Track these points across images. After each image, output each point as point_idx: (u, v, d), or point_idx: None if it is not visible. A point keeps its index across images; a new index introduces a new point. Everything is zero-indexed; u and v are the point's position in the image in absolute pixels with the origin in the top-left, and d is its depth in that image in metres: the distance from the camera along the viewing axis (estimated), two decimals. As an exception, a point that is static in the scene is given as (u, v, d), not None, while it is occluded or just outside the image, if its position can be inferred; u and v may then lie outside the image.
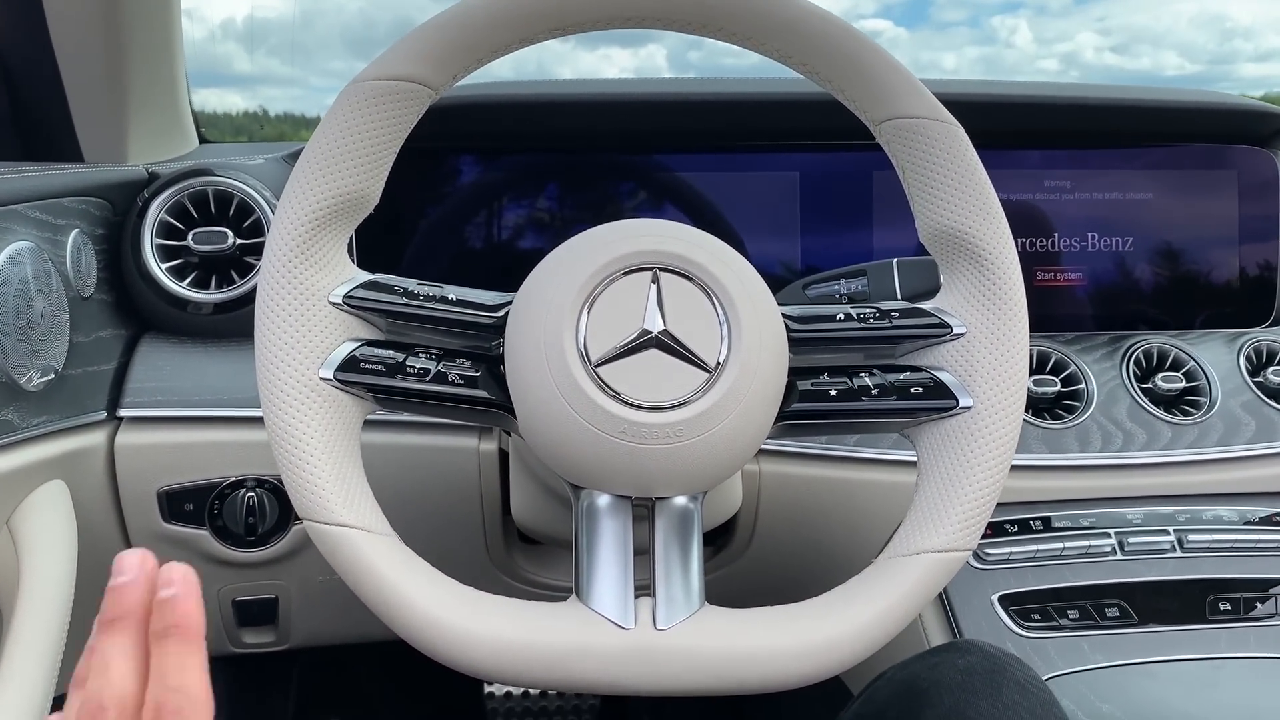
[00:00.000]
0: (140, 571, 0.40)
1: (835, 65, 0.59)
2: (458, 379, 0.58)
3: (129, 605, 0.40)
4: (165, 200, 0.87)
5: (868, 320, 0.61)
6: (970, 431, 0.59)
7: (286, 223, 0.56)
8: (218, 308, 0.87)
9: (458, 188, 0.95)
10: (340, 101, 0.57)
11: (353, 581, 0.56)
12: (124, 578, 0.40)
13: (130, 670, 0.39)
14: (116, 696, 0.38)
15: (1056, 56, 42.44)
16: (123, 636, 0.39)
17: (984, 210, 0.59)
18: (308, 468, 0.55)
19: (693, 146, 0.97)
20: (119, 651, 0.39)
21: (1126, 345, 0.97)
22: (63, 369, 0.76)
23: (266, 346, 0.55)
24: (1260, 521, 0.89)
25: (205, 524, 0.85)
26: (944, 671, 0.64)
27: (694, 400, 0.54)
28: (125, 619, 0.40)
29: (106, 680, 0.38)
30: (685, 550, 0.58)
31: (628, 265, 0.56)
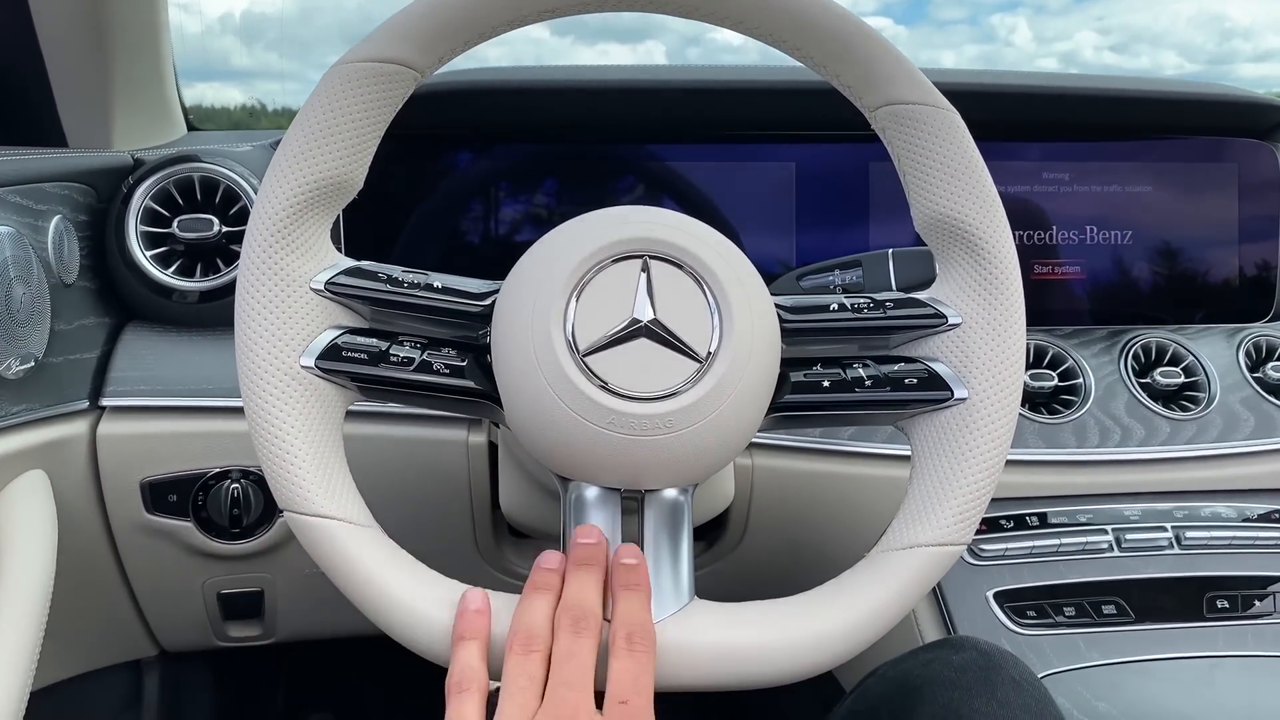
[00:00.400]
0: (600, 538, 0.56)
1: (830, 50, 0.58)
2: (443, 368, 0.57)
3: (598, 557, 0.55)
4: (150, 187, 0.86)
5: (862, 311, 0.60)
6: (965, 424, 0.58)
7: (267, 207, 0.54)
8: (203, 296, 0.86)
9: (447, 176, 0.94)
10: (324, 83, 0.55)
11: (334, 574, 0.54)
12: (591, 539, 0.56)
13: (599, 595, 0.54)
14: (594, 609, 0.52)
15: (1055, 55, 42.51)
16: (595, 574, 0.54)
17: (980, 198, 0.58)
18: (288, 458, 0.53)
19: (688, 136, 0.95)
20: (593, 581, 0.54)
21: (1125, 340, 0.96)
22: (43, 357, 0.74)
23: (246, 333, 0.54)
24: (1259, 518, 0.88)
25: (189, 515, 0.84)
26: (938, 668, 0.63)
27: (684, 391, 0.53)
28: (595, 565, 0.55)
29: (586, 597, 0.53)
30: (675, 543, 0.57)
31: (617, 253, 0.55)
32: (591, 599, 0.53)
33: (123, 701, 1.02)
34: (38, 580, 0.69)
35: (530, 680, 0.50)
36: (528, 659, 0.51)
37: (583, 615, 0.52)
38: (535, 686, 0.50)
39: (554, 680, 0.50)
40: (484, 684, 0.52)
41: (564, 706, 0.49)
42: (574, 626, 0.52)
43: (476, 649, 0.53)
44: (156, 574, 0.88)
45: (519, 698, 0.49)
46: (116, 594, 0.89)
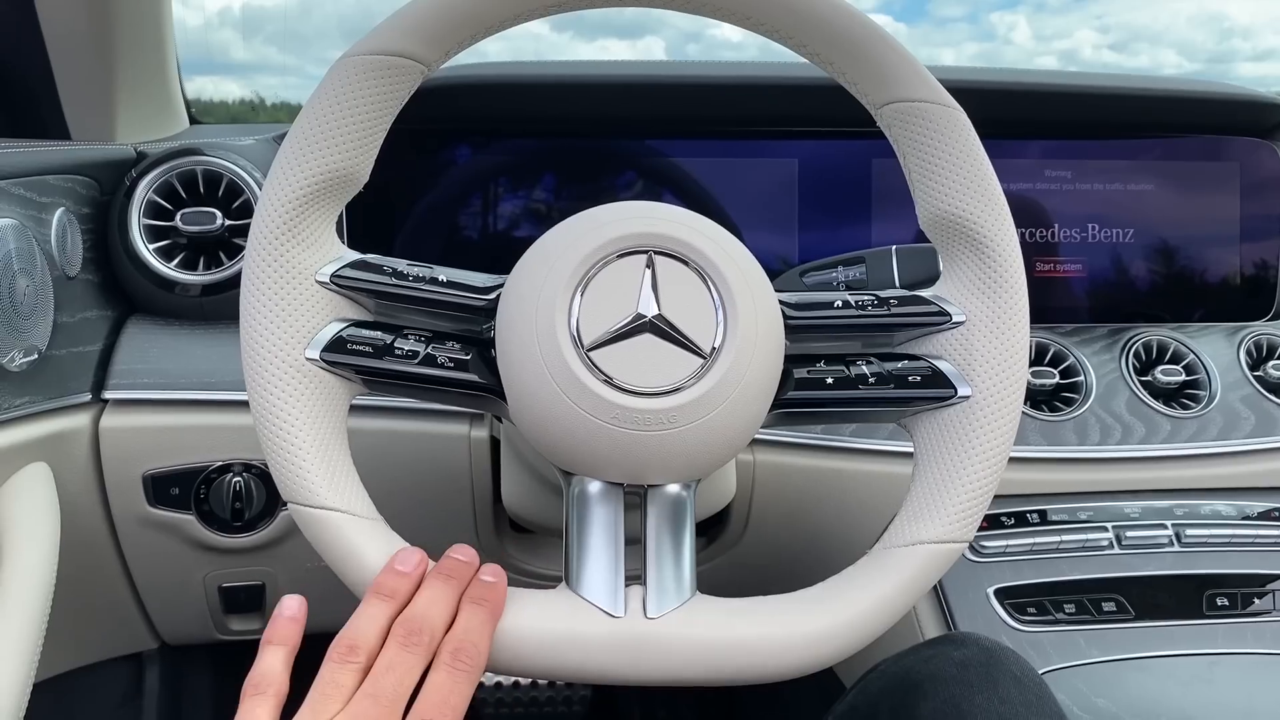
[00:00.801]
0: (473, 557, 0.55)
1: (835, 47, 0.58)
2: (447, 361, 0.57)
3: (462, 573, 0.54)
4: (153, 180, 0.86)
5: (866, 308, 0.60)
6: (968, 421, 0.58)
7: (273, 199, 0.54)
8: (206, 289, 0.86)
9: (449, 171, 0.94)
10: (330, 76, 0.55)
11: (336, 566, 0.55)
12: (463, 556, 0.55)
13: (447, 614, 0.52)
14: (433, 625, 0.50)
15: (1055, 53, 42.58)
16: (451, 590, 0.53)
17: (985, 196, 0.58)
18: (292, 449, 0.54)
19: (690, 132, 0.95)
20: (445, 597, 0.52)
21: (1126, 338, 0.96)
22: (46, 349, 0.75)
23: (251, 326, 0.54)
24: (1259, 516, 0.88)
25: (191, 509, 0.84)
26: (939, 664, 0.63)
27: (688, 386, 0.53)
28: (455, 580, 0.53)
29: (430, 613, 0.51)
30: (677, 539, 0.57)
31: (622, 248, 0.55)
32: (436, 614, 0.51)
33: (124, 694, 1.02)
34: (40, 573, 0.69)
35: (337, 689, 0.47)
36: (342, 668, 0.48)
37: (418, 629, 0.50)
38: (341, 695, 0.47)
39: (362, 690, 0.47)
40: (281, 690, 0.49)
41: (361, 718, 0.46)
42: (405, 639, 0.49)
43: (282, 655, 0.50)
44: (158, 567, 0.88)
45: (319, 704, 0.47)
46: (118, 587, 0.89)
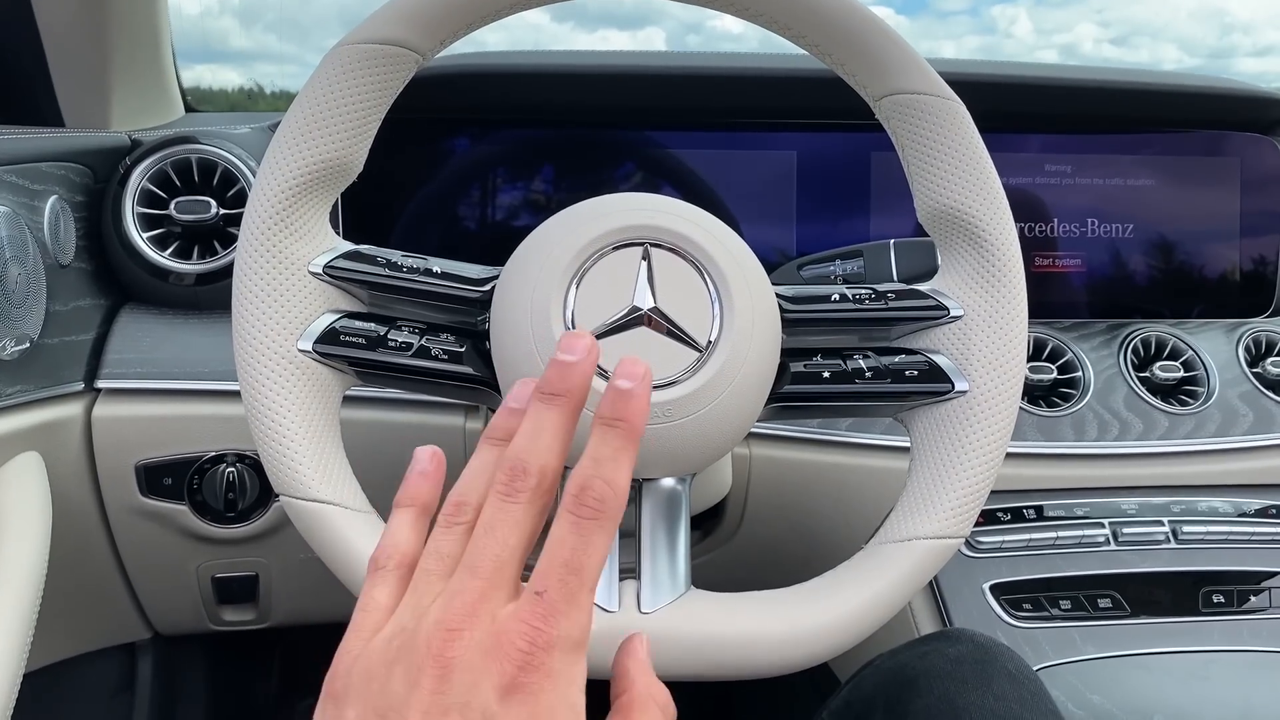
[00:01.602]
0: (587, 355, 0.41)
1: (834, 38, 0.57)
2: (441, 354, 0.56)
3: (573, 384, 0.40)
4: (148, 168, 0.85)
5: (863, 301, 0.60)
6: (965, 416, 0.58)
7: (266, 188, 0.54)
8: (200, 279, 0.85)
9: (446, 161, 0.93)
10: (324, 65, 0.55)
11: (328, 558, 0.54)
12: (572, 356, 0.41)
13: (560, 445, 0.39)
14: (541, 463, 0.39)
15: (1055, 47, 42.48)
16: (559, 412, 0.40)
17: (984, 190, 0.58)
18: (284, 442, 0.53)
19: (689, 123, 0.95)
20: (553, 424, 0.39)
21: (1124, 333, 0.95)
22: (39, 338, 0.74)
23: (244, 316, 0.54)
24: (1255, 514, 0.88)
25: (184, 499, 0.83)
26: (934, 660, 0.62)
27: (684, 379, 0.53)
28: (567, 397, 0.40)
29: (536, 446, 0.39)
30: (672, 533, 0.57)
31: (618, 240, 0.54)
32: (546, 446, 0.39)
33: (117, 684, 1.02)
34: (31, 562, 0.69)
35: (440, 561, 0.39)
36: (448, 533, 0.40)
37: (523, 470, 0.38)
38: (444, 569, 0.39)
39: (462, 563, 0.37)
40: (409, 562, 0.41)
41: (458, 599, 0.36)
42: (507, 487, 0.38)
43: (409, 518, 0.43)
44: (150, 557, 0.87)
45: (421, 582, 0.39)
46: (110, 577, 0.89)
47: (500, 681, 0.34)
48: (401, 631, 0.37)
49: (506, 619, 0.36)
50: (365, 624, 0.39)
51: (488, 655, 0.35)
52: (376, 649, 0.37)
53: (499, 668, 0.35)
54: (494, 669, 0.35)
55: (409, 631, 0.37)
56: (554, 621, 0.35)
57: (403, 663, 0.36)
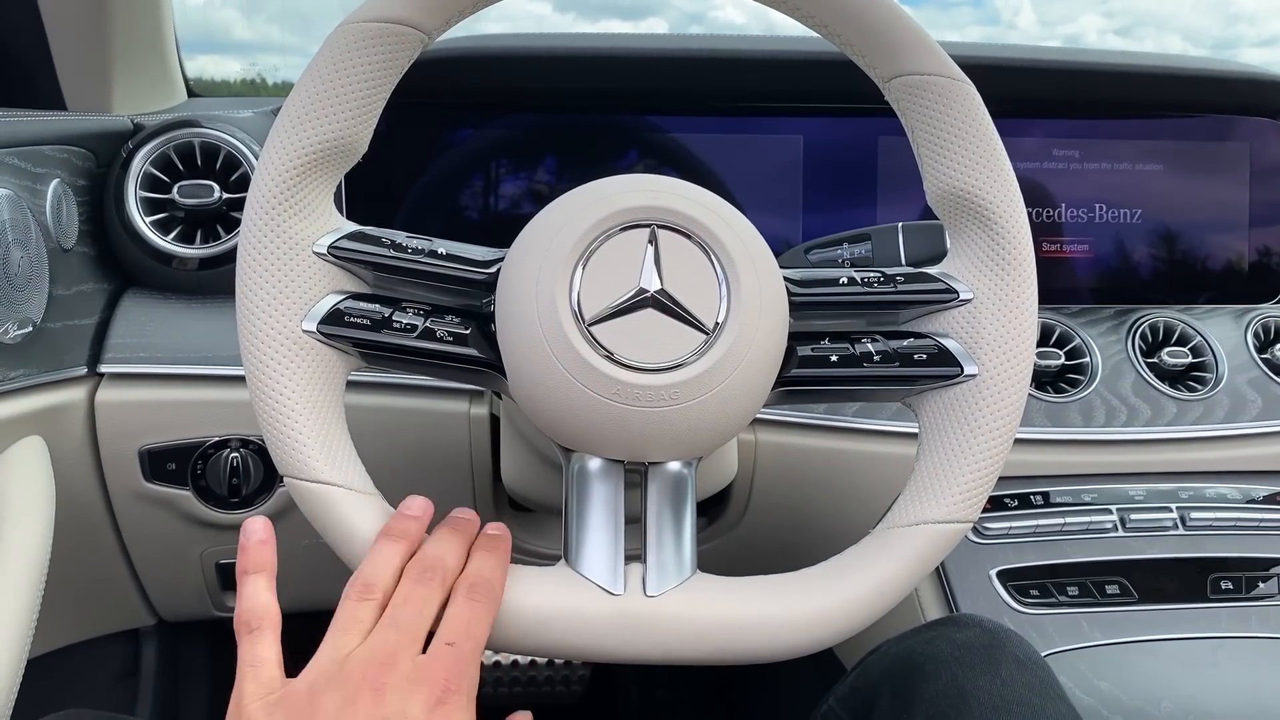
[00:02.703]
0: (475, 517, 0.56)
1: (843, 18, 0.57)
2: (446, 335, 0.56)
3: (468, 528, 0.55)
4: (150, 152, 0.85)
5: (871, 285, 0.59)
6: (974, 400, 0.57)
7: (270, 168, 0.54)
8: (203, 263, 0.85)
9: (451, 145, 0.93)
10: (329, 43, 0.54)
11: (333, 541, 0.54)
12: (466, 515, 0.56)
13: (459, 557, 0.52)
14: (445, 564, 0.51)
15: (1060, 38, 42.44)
16: (460, 538, 0.53)
17: (994, 172, 0.57)
18: (289, 422, 0.53)
19: (694, 108, 0.94)
20: (455, 543, 0.53)
21: (1132, 319, 0.95)
22: (41, 322, 0.74)
23: (247, 297, 0.53)
24: (1264, 500, 0.87)
25: (188, 484, 0.83)
26: (940, 646, 0.62)
27: (690, 362, 0.52)
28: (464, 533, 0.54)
29: (444, 552, 0.52)
30: (678, 517, 0.57)
31: (624, 221, 0.54)
32: (449, 555, 0.52)
33: (121, 670, 1.02)
34: (35, 547, 0.69)
35: (356, 623, 0.48)
36: (360, 605, 0.49)
37: (432, 567, 0.51)
38: (360, 629, 0.48)
39: (381, 622, 0.48)
40: (276, 620, 0.50)
41: (383, 647, 0.47)
42: (420, 576, 0.50)
43: (263, 581, 0.51)
44: (154, 543, 0.87)
45: (339, 639, 0.47)
46: (114, 563, 0.88)
47: (428, 701, 0.45)
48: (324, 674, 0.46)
49: (429, 659, 0.47)
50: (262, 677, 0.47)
51: (415, 683, 0.46)
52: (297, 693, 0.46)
53: (426, 690, 0.45)
54: (422, 692, 0.45)
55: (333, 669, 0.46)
56: (465, 665, 0.47)
57: (335, 691, 0.45)
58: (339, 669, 0.46)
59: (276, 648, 0.48)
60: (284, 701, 0.45)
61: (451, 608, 0.50)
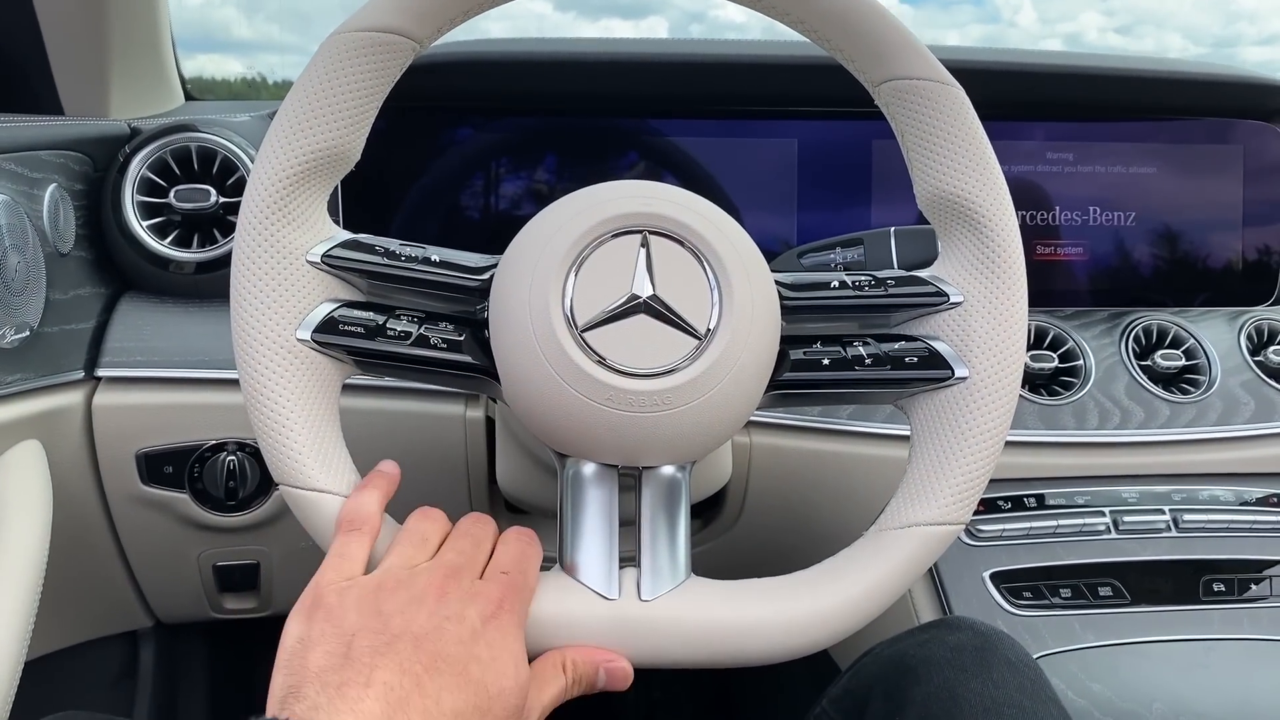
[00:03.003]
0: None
1: (832, 23, 0.57)
2: (440, 342, 0.56)
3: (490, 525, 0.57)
4: (147, 156, 0.85)
5: (863, 288, 0.60)
6: (965, 403, 0.58)
7: (263, 178, 0.54)
8: (200, 267, 0.85)
9: (446, 150, 0.93)
10: (320, 54, 0.55)
11: (328, 547, 0.54)
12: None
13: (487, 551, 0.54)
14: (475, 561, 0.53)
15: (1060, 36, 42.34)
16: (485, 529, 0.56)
17: (984, 176, 0.58)
18: (284, 431, 0.53)
19: (689, 112, 0.94)
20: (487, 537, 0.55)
21: (1126, 322, 0.95)
22: (39, 326, 0.74)
23: (242, 306, 0.54)
24: (1257, 502, 0.87)
25: (185, 487, 0.83)
26: (933, 649, 0.62)
27: (683, 367, 0.52)
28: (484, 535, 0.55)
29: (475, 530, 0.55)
30: (672, 521, 0.57)
31: (616, 228, 0.54)
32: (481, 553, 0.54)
33: (119, 672, 1.02)
34: (32, 550, 0.69)
35: (423, 539, 0.53)
36: (425, 521, 0.54)
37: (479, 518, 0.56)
38: (428, 545, 0.53)
39: (445, 547, 0.53)
40: (375, 530, 0.53)
41: (448, 564, 0.51)
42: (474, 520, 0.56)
43: (377, 497, 0.54)
44: (152, 546, 0.88)
45: (407, 549, 0.52)
46: (112, 565, 0.89)
47: (483, 613, 0.49)
48: (394, 575, 0.50)
49: (486, 580, 0.51)
50: (343, 567, 0.51)
51: (474, 596, 0.50)
52: (368, 583, 0.50)
53: (483, 603, 0.50)
54: (479, 603, 0.49)
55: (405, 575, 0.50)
56: (518, 590, 0.52)
57: (403, 590, 0.49)
58: (408, 574, 0.50)
59: (365, 553, 0.52)
60: (355, 589, 0.49)
61: (503, 545, 0.54)
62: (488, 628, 0.49)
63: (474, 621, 0.49)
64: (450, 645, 0.47)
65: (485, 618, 0.49)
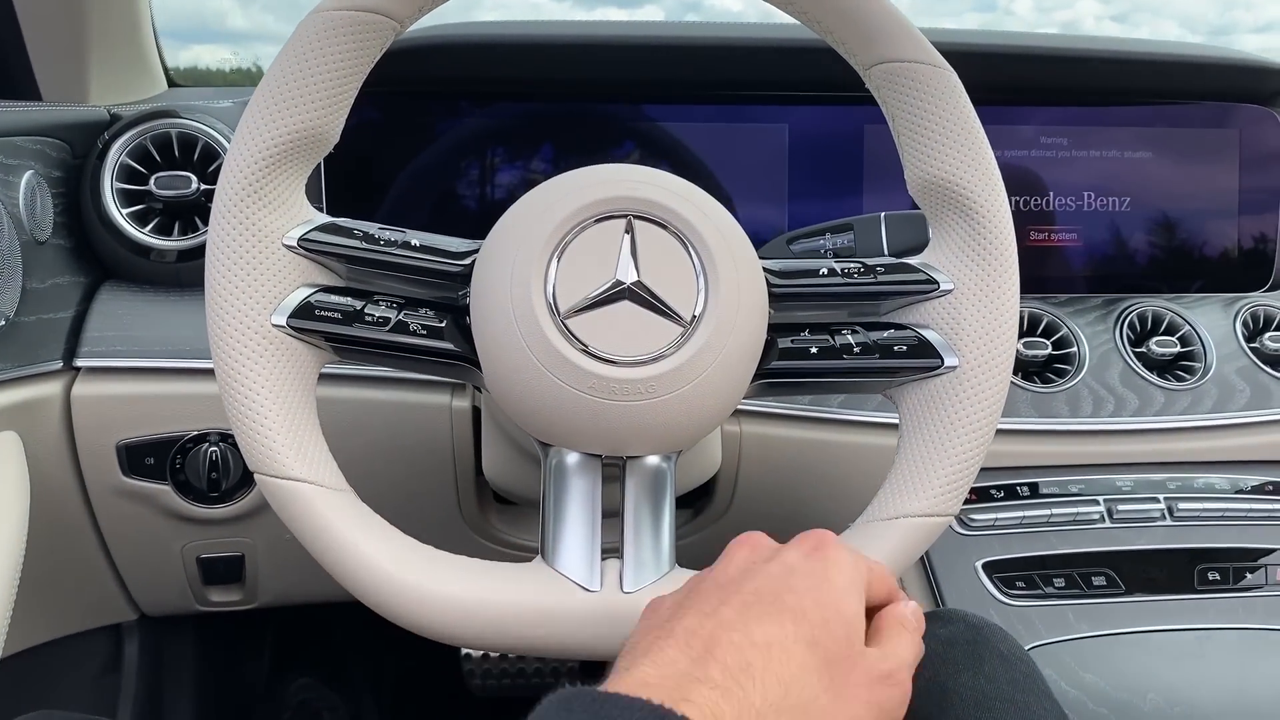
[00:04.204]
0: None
1: (823, 5, 0.56)
2: (420, 329, 0.55)
3: None
4: (127, 142, 0.84)
5: (852, 275, 0.59)
6: (955, 392, 0.57)
7: (239, 159, 0.53)
8: (181, 255, 0.84)
9: (434, 136, 0.92)
10: (298, 34, 0.53)
11: (305, 537, 0.53)
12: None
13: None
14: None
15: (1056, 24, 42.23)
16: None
17: (975, 160, 0.57)
18: (258, 418, 0.52)
19: (679, 96, 0.93)
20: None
21: (1120, 308, 0.94)
22: (15, 316, 0.73)
23: (216, 290, 0.53)
24: (1252, 490, 0.87)
25: (167, 479, 0.82)
26: (925, 642, 0.61)
27: (668, 355, 0.52)
28: None
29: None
30: (656, 511, 0.56)
31: (600, 212, 0.53)
32: None
33: (103, 665, 1.01)
34: (8, 544, 0.68)
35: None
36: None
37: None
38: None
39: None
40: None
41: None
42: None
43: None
44: (134, 538, 0.86)
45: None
46: (94, 558, 0.88)
47: (802, 549, 0.47)
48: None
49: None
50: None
51: (785, 549, 0.48)
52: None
53: (798, 547, 0.47)
54: (795, 548, 0.47)
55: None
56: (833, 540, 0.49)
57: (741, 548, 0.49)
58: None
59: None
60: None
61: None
62: (806, 560, 0.46)
63: (792, 559, 0.46)
64: (763, 581, 0.44)
65: (805, 553, 0.47)
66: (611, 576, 0.54)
